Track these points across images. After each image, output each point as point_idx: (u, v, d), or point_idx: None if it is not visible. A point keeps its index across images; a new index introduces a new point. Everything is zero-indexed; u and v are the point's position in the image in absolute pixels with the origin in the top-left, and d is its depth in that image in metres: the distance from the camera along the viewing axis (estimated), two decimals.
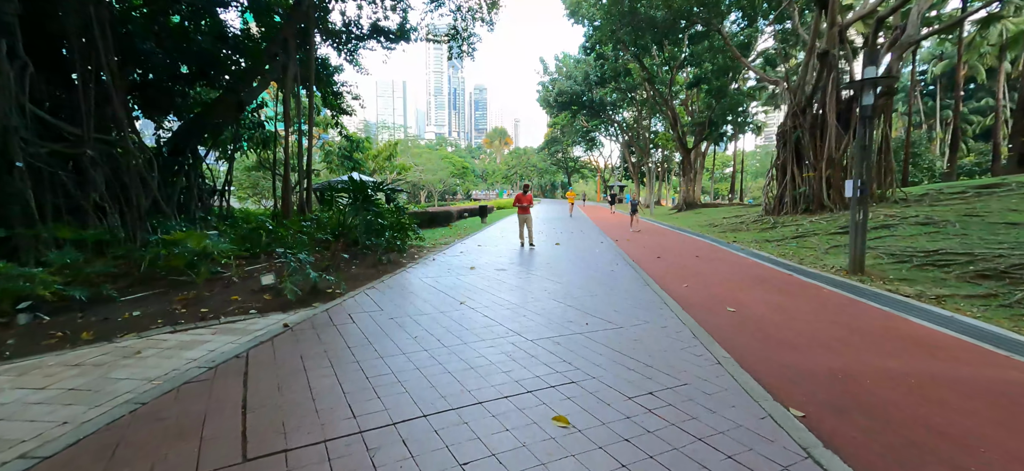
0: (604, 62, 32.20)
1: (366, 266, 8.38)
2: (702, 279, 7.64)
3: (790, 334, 4.69)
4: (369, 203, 7.86)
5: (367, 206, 7.79)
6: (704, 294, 6.52)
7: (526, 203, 11.77)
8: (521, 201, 11.80)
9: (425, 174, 58.13)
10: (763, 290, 6.75)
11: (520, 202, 11.80)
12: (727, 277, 7.83)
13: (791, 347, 4.29)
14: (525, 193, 11.91)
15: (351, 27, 18.09)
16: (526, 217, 11.69)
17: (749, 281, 7.46)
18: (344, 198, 8.09)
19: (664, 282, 7.35)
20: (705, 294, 6.52)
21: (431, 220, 19.23)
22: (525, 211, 11.71)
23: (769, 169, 17.92)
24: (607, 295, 6.34)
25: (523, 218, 11.69)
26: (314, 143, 35.35)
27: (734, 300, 6.13)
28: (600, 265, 8.99)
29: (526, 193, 11.94)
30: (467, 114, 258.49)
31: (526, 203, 11.77)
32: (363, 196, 7.87)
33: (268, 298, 5.83)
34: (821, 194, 14.91)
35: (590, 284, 7.12)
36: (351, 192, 7.79)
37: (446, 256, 10.13)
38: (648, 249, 11.66)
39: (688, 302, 6.02)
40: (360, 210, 7.67)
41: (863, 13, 14.59)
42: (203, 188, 12.71)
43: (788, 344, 4.38)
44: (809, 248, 10.64)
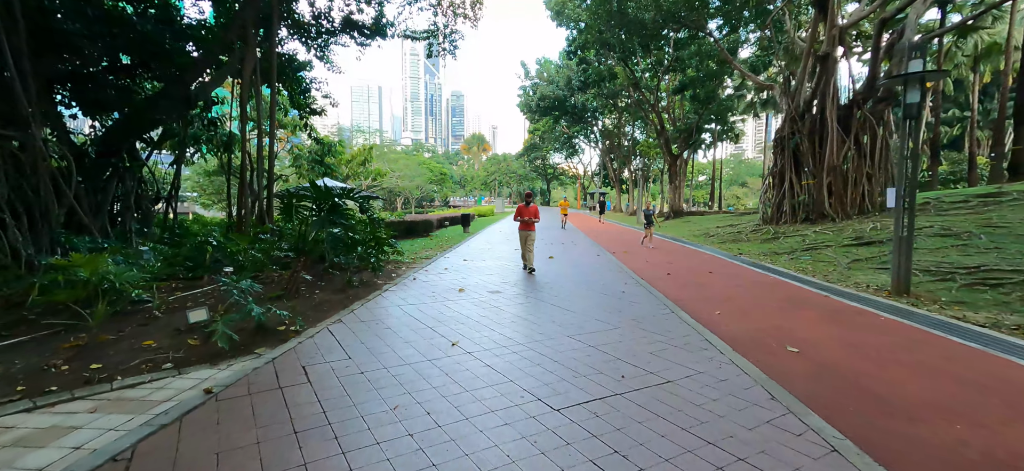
0: (587, 66, 31.53)
1: (333, 290, 6.96)
2: (733, 303, 6.57)
3: (890, 389, 3.60)
4: (337, 213, 6.47)
5: (334, 217, 6.39)
6: (746, 325, 5.43)
7: (530, 216, 9.20)
8: (523, 214, 9.22)
9: (402, 180, 56.22)
10: (811, 319, 5.71)
11: (522, 215, 9.22)
12: (758, 300, 6.80)
13: (907, 416, 3.19)
14: (528, 203, 9.34)
15: (321, 20, 16.58)
16: (528, 235, 9.16)
17: (786, 305, 6.43)
18: (308, 207, 6.63)
19: (691, 308, 6.24)
20: (747, 325, 5.43)
21: (409, 230, 17.76)
22: (529, 226, 9.19)
23: (766, 176, 17.29)
24: (632, 329, 5.16)
25: (525, 235, 9.18)
26: (283, 146, 33.30)
27: (786, 334, 5.05)
28: (608, 285, 7.84)
29: (529, 203, 9.36)
30: (444, 120, 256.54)
31: (530, 216, 9.20)
32: (329, 205, 6.47)
33: (195, 343, 4.39)
34: (822, 202, 14.27)
35: (606, 312, 5.93)
36: (314, 200, 6.39)
37: (429, 274, 8.79)
38: (653, 264, 10.61)
39: (733, 337, 4.91)
40: (326, 222, 6.27)
41: (863, 15, 14.14)
42: (143, 195, 10.95)
43: (904, 412, 3.27)
44: (826, 262, 9.80)
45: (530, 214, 9.23)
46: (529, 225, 9.22)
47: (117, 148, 10.08)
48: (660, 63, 25.44)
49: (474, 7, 17.42)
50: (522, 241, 9.28)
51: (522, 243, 9.28)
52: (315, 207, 6.37)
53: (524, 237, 9.25)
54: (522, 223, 9.30)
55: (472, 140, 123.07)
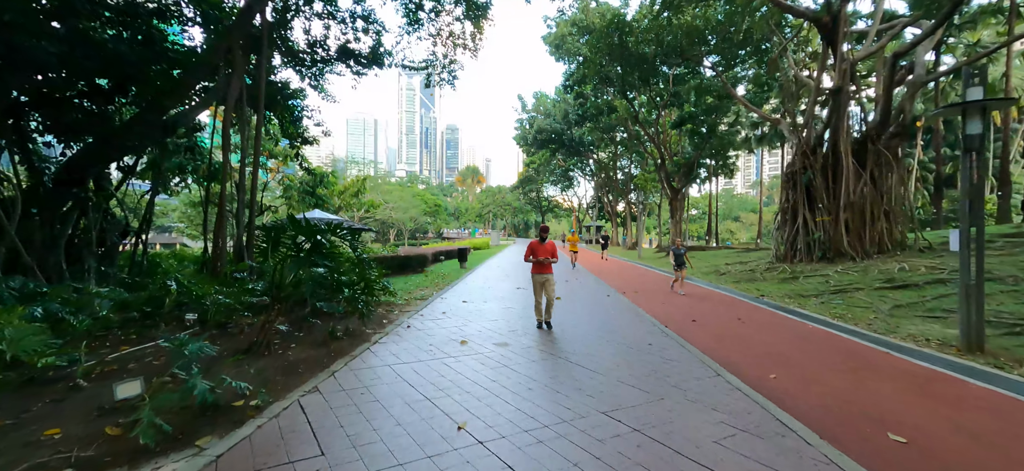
0: (585, 100, 31.47)
1: (313, 343, 5.90)
2: (785, 363, 5.61)
3: None
4: (321, 252, 5.49)
5: (317, 257, 5.42)
6: (816, 396, 4.46)
7: (545, 255, 7.22)
8: (537, 253, 7.24)
9: (395, 212, 55.42)
10: (890, 388, 4.76)
11: (536, 254, 7.25)
12: (811, 357, 5.85)
13: None
14: (544, 240, 7.40)
15: (316, 48, 16.03)
16: (546, 279, 7.17)
17: (848, 366, 5.49)
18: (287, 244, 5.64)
19: (739, 368, 5.27)
20: (817, 396, 4.46)
21: (403, 265, 16.74)
22: (545, 268, 7.21)
23: (777, 213, 16.65)
24: (679, 401, 4.17)
25: (541, 281, 7.18)
26: (274, 176, 32.43)
27: (873, 411, 4.08)
28: (630, 335, 6.86)
29: (545, 240, 7.42)
30: (439, 153, 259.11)
31: (545, 255, 7.22)
32: (312, 243, 5.51)
33: (115, 432, 3.31)
34: (840, 240, 13.55)
35: (639, 375, 4.93)
36: (292, 237, 5.42)
37: (424, 320, 7.75)
38: (672, 307, 9.67)
39: (809, 415, 3.93)
40: (306, 262, 5.29)
41: (876, 49, 13.88)
42: (109, 228, 9.89)
43: None
44: (863, 307, 8.92)
45: (546, 253, 7.29)
46: (545, 267, 7.23)
47: (81, 177, 9.09)
48: (660, 97, 25.28)
49: (474, 38, 17.05)
50: (536, 288, 7.24)
51: (536, 291, 7.25)
52: (291, 244, 5.39)
53: (539, 283, 7.20)
54: (536, 264, 7.28)
55: (466, 172, 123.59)
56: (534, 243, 7.44)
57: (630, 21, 19.50)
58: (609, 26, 19.35)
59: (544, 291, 7.22)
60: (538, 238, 7.55)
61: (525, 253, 7.48)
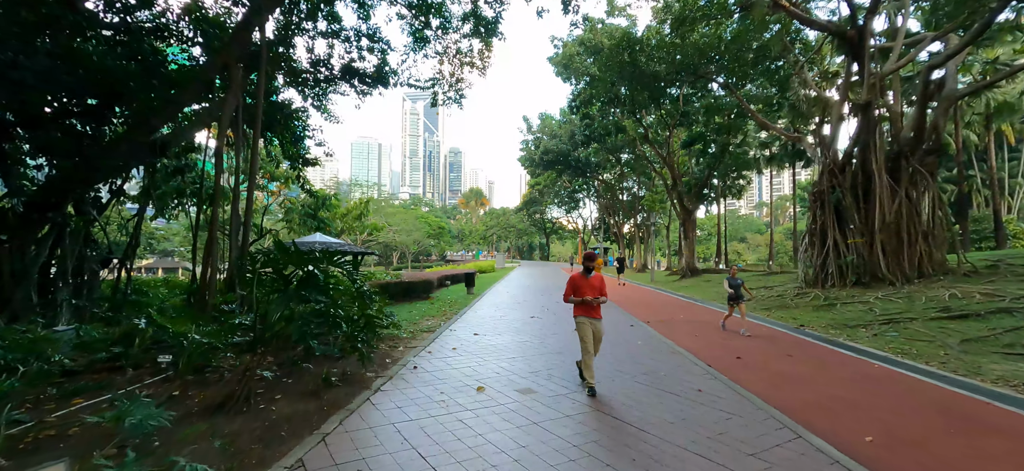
0: (591, 121, 30.98)
1: (302, 393, 4.99)
2: (869, 416, 4.65)
3: None
4: (312, 285, 4.64)
5: (309, 290, 4.56)
6: (938, 469, 3.51)
7: (593, 294, 5.41)
8: (582, 290, 5.43)
9: (399, 235, 54.75)
10: (1013, 448, 3.81)
11: (580, 292, 5.43)
12: (899, 409, 4.89)
13: None
14: (590, 272, 5.59)
15: (319, 67, 15.52)
16: (594, 326, 5.39)
17: (947, 420, 4.53)
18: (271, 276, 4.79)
19: (821, 427, 4.31)
20: (939, 469, 3.51)
21: (407, 291, 15.83)
22: (593, 312, 5.44)
23: (803, 235, 15.76)
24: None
25: (587, 328, 5.34)
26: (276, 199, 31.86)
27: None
28: (673, 378, 5.91)
29: (591, 272, 5.61)
30: (442, 176, 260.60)
31: (593, 294, 5.41)
32: (304, 274, 4.66)
33: None
34: (876, 264, 12.60)
35: (701, 438, 3.99)
36: (280, 266, 4.59)
37: (433, 359, 6.83)
38: (708, 340, 8.71)
39: None
40: (295, 298, 4.44)
41: (902, 64, 13.20)
42: (88, 258, 9.09)
43: None
44: (924, 341, 7.94)
45: (594, 290, 5.40)
46: (594, 310, 5.42)
47: (58, 203, 8.34)
48: (671, 116, 24.71)
49: (482, 55, 16.56)
50: (582, 338, 5.30)
51: (583, 340, 5.30)
52: (275, 276, 4.54)
53: (586, 330, 5.30)
54: (581, 306, 5.41)
55: (470, 194, 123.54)
56: (577, 277, 5.51)
57: (640, 38, 19.04)
58: (619, 44, 18.89)
59: (591, 339, 5.33)
60: (582, 270, 5.63)
61: (566, 291, 5.54)
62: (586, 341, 5.33)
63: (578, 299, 5.47)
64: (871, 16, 12.84)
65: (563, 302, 5.69)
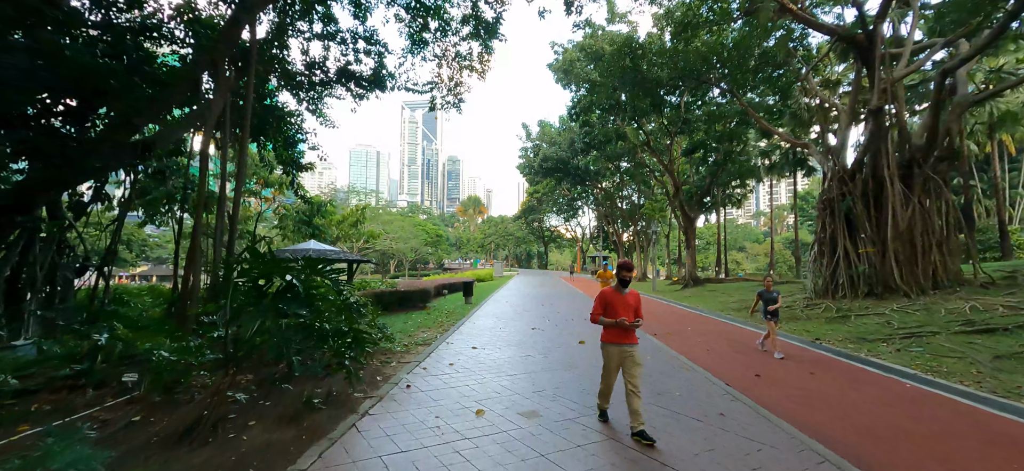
0: (591, 128, 30.67)
1: (280, 417, 4.45)
2: (913, 445, 4.15)
3: None
4: (292, 298, 4.13)
5: (287, 304, 4.05)
6: None
7: (628, 315, 4.36)
8: (616, 309, 4.36)
9: (396, 242, 54.16)
10: None
11: (612, 310, 4.37)
12: (944, 436, 4.39)
13: None
14: (625, 285, 4.45)
15: (314, 69, 15.09)
16: (629, 354, 4.29)
17: (1004, 450, 4.04)
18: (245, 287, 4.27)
19: (865, 460, 3.80)
20: None
21: (403, 300, 15.28)
22: (628, 336, 4.34)
23: (812, 243, 15.32)
24: None
25: (621, 356, 4.32)
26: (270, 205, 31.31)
27: None
28: (690, 398, 5.40)
29: (627, 286, 4.47)
30: (440, 184, 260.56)
31: (628, 315, 4.36)
32: (283, 285, 4.15)
33: None
34: (890, 275, 12.14)
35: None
36: (255, 277, 4.08)
37: (428, 377, 6.29)
38: (721, 357, 8.21)
39: None
40: (272, 312, 3.92)
41: (914, 68, 12.86)
42: (62, 265, 8.54)
43: None
44: (953, 357, 7.45)
45: (630, 310, 4.35)
46: (628, 334, 4.30)
47: (29, 206, 7.81)
48: (673, 123, 24.39)
49: (482, 59, 16.18)
50: (610, 365, 4.37)
51: (609, 369, 4.39)
52: (248, 286, 4.02)
53: (613, 359, 4.34)
54: (611, 330, 4.34)
55: (468, 202, 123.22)
56: (609, 294, 4.42)
57: (643, 43, 18.73)
58: (621, 49, 18.57)
59: (625, 372, 4.24)
60: (616, 282, 4.47)
61: (594, 309, 4.51)
62: (610, 371, 4.41)
63: (611, 321, 4.33)
64: (881, 20, 12.53)
65: (591, 322, 4.55)
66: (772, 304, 8.07)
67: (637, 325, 4.34)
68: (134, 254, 54.98)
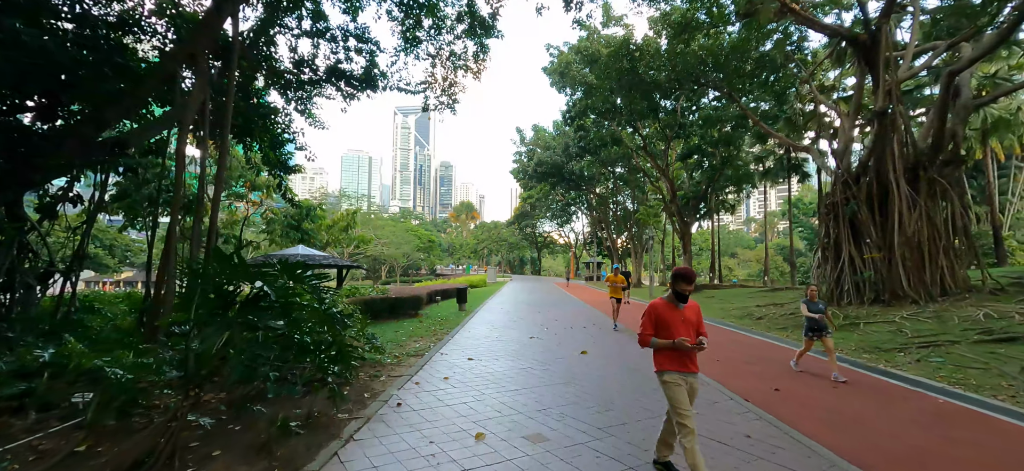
0: (586, 133, 30.39)
1: (247, 448, 3.87)
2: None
3: None
4: (262, 308, 3.57)
5: (256, 315, 3.49)
6: None
7: (690, 334, 3.32)
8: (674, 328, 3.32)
9: (388, 248, 53.34)
10: None
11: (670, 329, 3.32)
12: (1005, 466, 3.94)
13: None
14: (684, 299, 3.38)
15: (302, 67, 14.51)
16: (691, 384, 3.35)
17: None
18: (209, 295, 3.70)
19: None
20: None
21: (393, 307, 14.64)
22: (689, 363, 3.35)
23: (816, 248, 15.00)
24: None
25: (682, 386, 3.28)
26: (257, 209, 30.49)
27: None
28: (712, 420, 4.91)
29: (684, 300, 3.39)
30: (433, 190, 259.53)
31: (690, 334, 3.32)
32: (252, 292, 3.60)
33: None
34: (897, 281, 11.82)
35: None
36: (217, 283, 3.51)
37: (421, 393, 5.73)
38: (734, 370, 7.75)
39: None
40: (237, 325, 3.37)
41: (920, 68, 12.64)
42: (21, 271, 7.85)
43: None
44: (977, 367, 7.06)
45: (691, 328, 3.37)
46: (688, 360, 3.36)
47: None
48: (669, 127, 24.14)
49: (477, 58, 15.73)
50: (675, 404, 3.27)
51: (676, 407, 3.25)
52: (220, 294, 3.47)
53: (680, 395, 3.27)
54: (667, 354, 3.35)
55: (461, 208, 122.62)
56: (660, 307, 3.38)
57: (640, 45, 18.43)
58: (618, 50, 18.26)
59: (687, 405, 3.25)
60: (672, 296, 3.39)
61: (642, 328, 3.39)
62: (679, 407, 3.19)
63: (665, 343, 3.27)
64: (886, 19, 12.30)
65: (640, 346, 3.41)
66: (817, 316, 6.97)
67: (701, 347, 3.22)
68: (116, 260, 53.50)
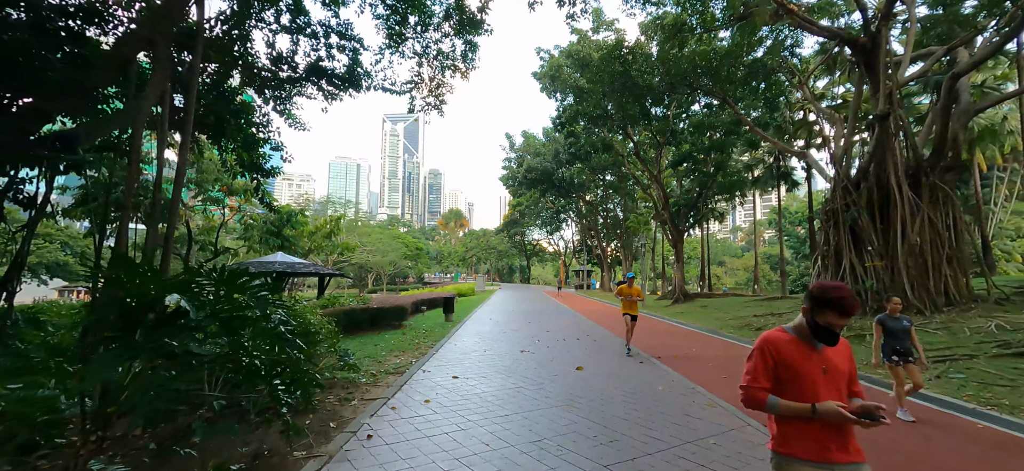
0: (576, 139, 29.95)
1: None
2: None
3: None
4: (181, 327, 2.80)
5: (177, 334, 2.72)
6: None
7: (837, 394, 1.96)
8: (810, 381, 1.96)
9: (374, 256, 52.11)
10: None
11: (808, 388, 1.95)
12: None
13: None
14: (829, 335, 1.97)
15: (281, 64, 13.68)
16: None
17: None
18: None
19: None
20: None
21: (375, 319, 13.78)
22: (836, 445, 1.93)
23: (815, 257, 14.59)
24: None
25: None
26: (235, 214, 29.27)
27: None
28: (733, 454, 4.24)
29: (834, 339, 2.00)
30: (421, 197, 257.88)
31: (837, 394, 1.96)
32: (170, 308, 2.83)
33: None
34: (901, 290, 11.38)
35: None
36: (120, 296, 2.73)
37: (397, 421, 4.96)
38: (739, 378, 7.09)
39: None
40: (147, 350, 2.60)
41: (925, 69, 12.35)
42: None
43: None
44: (1003, 385, 6.53)
45: (840, 380, 2.01)
46: (839, 439, 1.94)
47: None
48: (661, 133, 23.79)
49: (465, 58, 15.09)
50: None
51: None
52: (121, 313, 2.69)
53: None
54: (796, 425, 1.98)
55: (449, 216, 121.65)
56: (780, 341, 2.07)
57: (632, 47, 18.02)
58: (611, 53, 17.82)
59: None
60: (803, 328, 2.07)
61: (752, 376, 2.07)
62: None
63: (797, 408, 1.95)
64: (886, 20, 12.00)
65: (745, 404, 2.10)
66: (900, 337, 5.40)
67: (874, 418, 1.84)
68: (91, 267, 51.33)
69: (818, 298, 1.98)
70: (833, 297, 1.94)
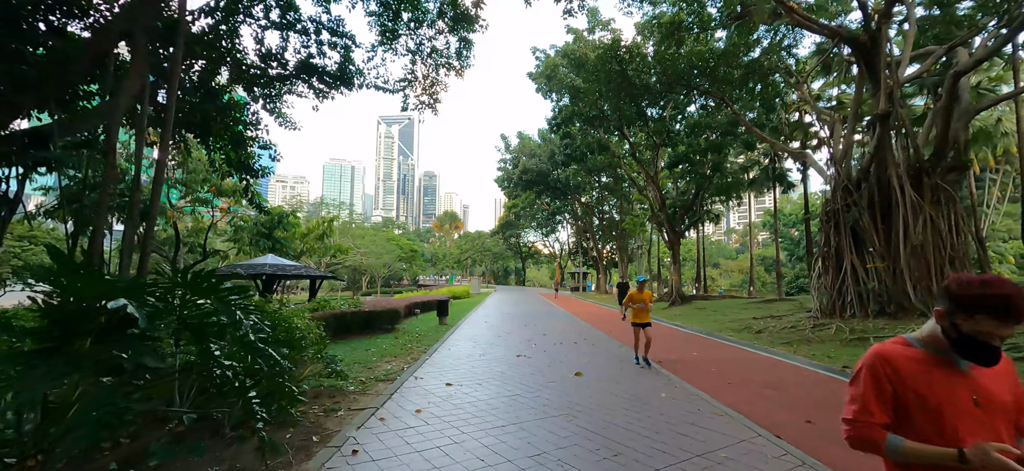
0: (571, 140, 29.73)
1: None
2: None
3: None
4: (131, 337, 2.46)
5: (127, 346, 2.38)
6: None
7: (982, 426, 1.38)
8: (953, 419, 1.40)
9: (368, 258, 51.54)
10: None
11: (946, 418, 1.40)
12: None
13: None
14: (988, 354, 1.35)
15: (270, 61, 13.30)
16: None
17: None
18: None
19: None
20: None
21: (367, 322, 13.41)
22: None
23: (816, 258, 14.40)
24: None
25: None
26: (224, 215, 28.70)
27: None
28: (743, 467, 3.94)
29: (993, 355, 1.35)
30: (416, 199, 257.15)
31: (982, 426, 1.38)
32: (100, 323, 2.48)
33: None
34: (902, 291, 11.21)
35: None
36: (51, 304, 2.39)
37: (384, 435, 4.63)
38: (750, 393, 6.83)
39: None
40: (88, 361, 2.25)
41: (926, 67, 12.22)
42: None
43: None
44: None
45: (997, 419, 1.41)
46: None
47: None
48: (657, 134, 23.60)
49: (460, 56, 14.80)
50: None
51: None
52: (53, 323, 2.35)
53: None
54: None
55: (444, 218, 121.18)
56: (901, 358, 1.52)
57: (629, 46, 17.82)
58: (608, 52, 17.61)
59: None
60: (937, 339, 1.50)
61: (856, 412, 1.54)
62: None
63: (932, 453, 1.39)
64: (887, 18, 11.86)
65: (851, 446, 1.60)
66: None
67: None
68: None
69: (965, 297, 1.37)
70: (990, 294, 1.32)
